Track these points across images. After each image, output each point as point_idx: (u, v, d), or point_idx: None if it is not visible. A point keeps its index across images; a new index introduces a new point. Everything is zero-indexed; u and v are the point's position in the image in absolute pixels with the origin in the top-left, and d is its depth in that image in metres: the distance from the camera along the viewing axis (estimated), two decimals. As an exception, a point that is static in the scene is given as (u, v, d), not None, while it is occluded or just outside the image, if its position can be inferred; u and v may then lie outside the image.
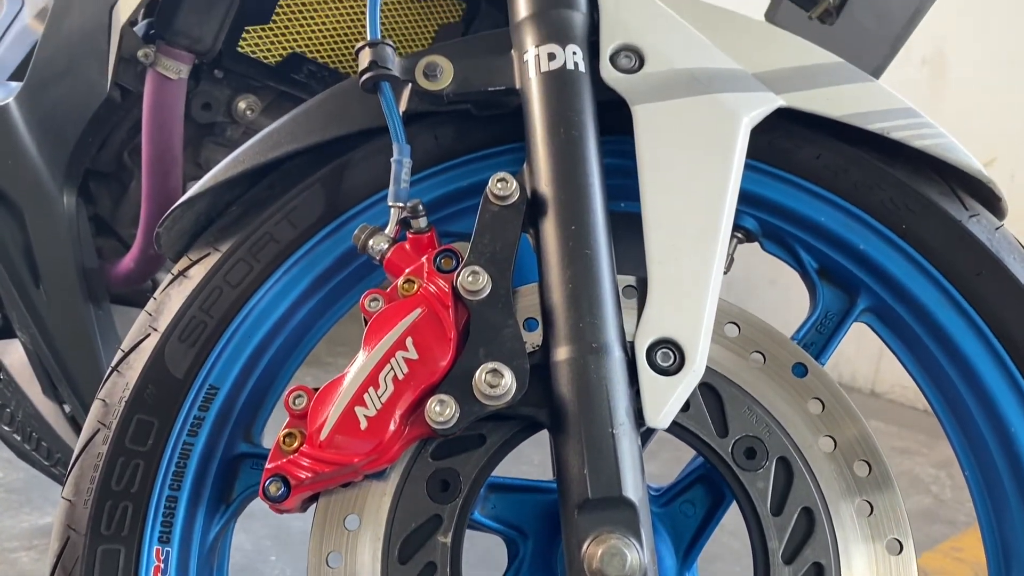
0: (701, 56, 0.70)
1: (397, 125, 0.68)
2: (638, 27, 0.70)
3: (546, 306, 0.63)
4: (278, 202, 0.74)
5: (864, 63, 0.95)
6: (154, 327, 0.72)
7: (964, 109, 2.57)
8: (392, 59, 0.69)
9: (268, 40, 0.94)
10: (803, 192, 0.74)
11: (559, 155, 0.65)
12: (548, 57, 0.67)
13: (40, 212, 0.98)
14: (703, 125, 0.68)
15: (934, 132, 0.72)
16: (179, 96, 0.91)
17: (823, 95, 0.71)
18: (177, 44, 0.88)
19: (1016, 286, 0.69)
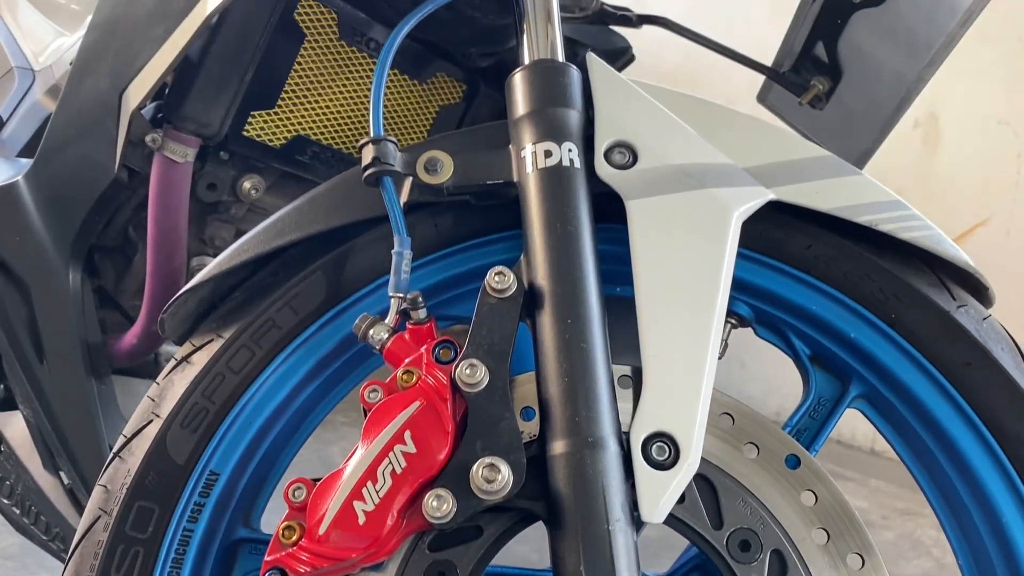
0: (693, 152, 0.72)
1: (398, 218, 0.70)
2: (631, 124, 0.72)
3: (543, 398, 0.64)
4: (281, 289, 0.76)
5: (854, 146, 0.97)
6: (157, 413, 0.73)
7: (957, 169, 2.61)
8: (394, 154, 0.71)
9: (273, 124, 0.96)
10: (795, 281, 0.76)
11: (555, 249, 0.67)
12: (545, 154, 0.70)
13: (46, 288, 1.00)
14: (696, 220, 0.69)
15: (921, 224, 0.74)
16: (185, 178, 0.93)
17: (813, 188, 0.73)
18: (184, 129, 0.91)
19: (1004, 377, 0.70)
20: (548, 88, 0.72)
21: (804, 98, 0.95)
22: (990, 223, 2.54)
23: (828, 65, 0.94)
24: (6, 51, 1.34)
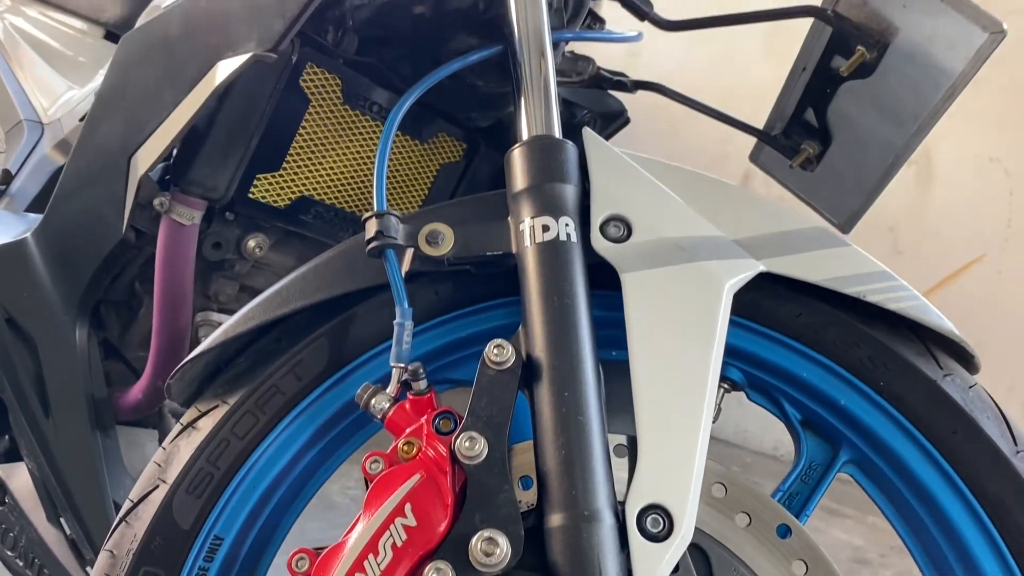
0: (685, 225, 0.74)
1: (400, 289, 0.72)
2: (626, 198, 0.75)
3: (541, 470, 0.66)
4: (285, 355, 0.78)
5: (844, 208, 0.99)
6: (163, 479, 0.75)
7: (951, 206, 2.64)
8: (396, 227, 0.73)
9: (277, 185, 0.99)
10: (785, 348, 0.78)
11: (553, 323, 0.69)
12: (542, 229, 0.72)
13: (53, 344, 1.02)
14: (688, 292, 0.72)
15: (909, 295, 0.76)
16: (191, 240, 0.95)
17: (802, 260, 0.75)
18: (192, 193, 0.93)
19: (989, 445, 0.72)
20: (545, 164, 0.74)
21: (795, 161, 0.98)
22: (984, 260, 2.57)
23: (818, 130, 0.97)
24: (15, 103, 1.36)
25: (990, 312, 2.56)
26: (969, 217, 2.60)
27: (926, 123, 0.84)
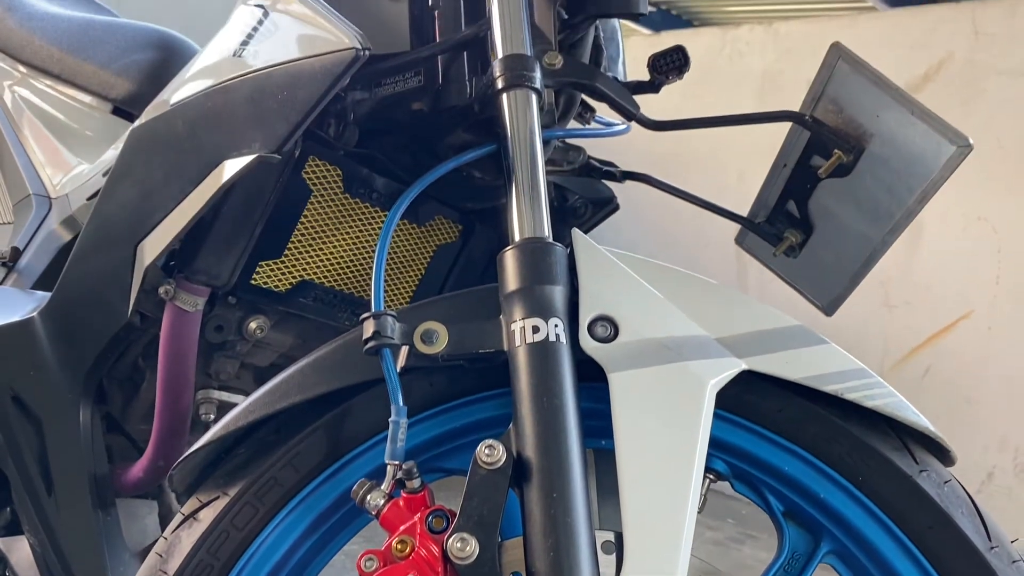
0: (670, 324, 0.78)
1: (395, 389, 0.75)
2: (612, 298, 0.78)
3: (530, 570, 0.69)
4: (283, 447, 0.81)
5: (827, 292, 1.03)
6: (164, 570, 0.77)
7: (940, 263, 2.69)
8: (392, 327, 0.76)
9: (279, 271, 1.02)
10: (768, 442, 0.81)
11: (542, 424, 0.72)
12: (532, 330, 0.75)
13: (57, 422, 1.04)
14: (673, 392, 0.75)
15: (885, 392, 0.79)
16: (195, 325, 0.98)
17: (782, 358, 0.79)
18: (196, 280, 0.96)
19: (964, 541, 0.75)
20: (536, 267, 0.77)
21: (778, 249, 1.01)
22: (972, 317, 2.60)
23: (800, 220, 1.00)
24: (24, 177, 1.40)
25: (981, 367, 2.59)
26: (958, 273, 2.64)
27: (901, 222, 0.88)
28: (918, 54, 2.77)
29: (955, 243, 2.65)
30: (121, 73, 1.41)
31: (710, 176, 3.20)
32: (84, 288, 1.04)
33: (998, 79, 2.61)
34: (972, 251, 2.62)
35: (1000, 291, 2.58)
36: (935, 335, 2.69)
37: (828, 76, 0.87)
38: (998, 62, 2.62)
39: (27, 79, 1.54)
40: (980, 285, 2.60)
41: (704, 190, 3.20)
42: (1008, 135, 2.58)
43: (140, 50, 1.44)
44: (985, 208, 2.60)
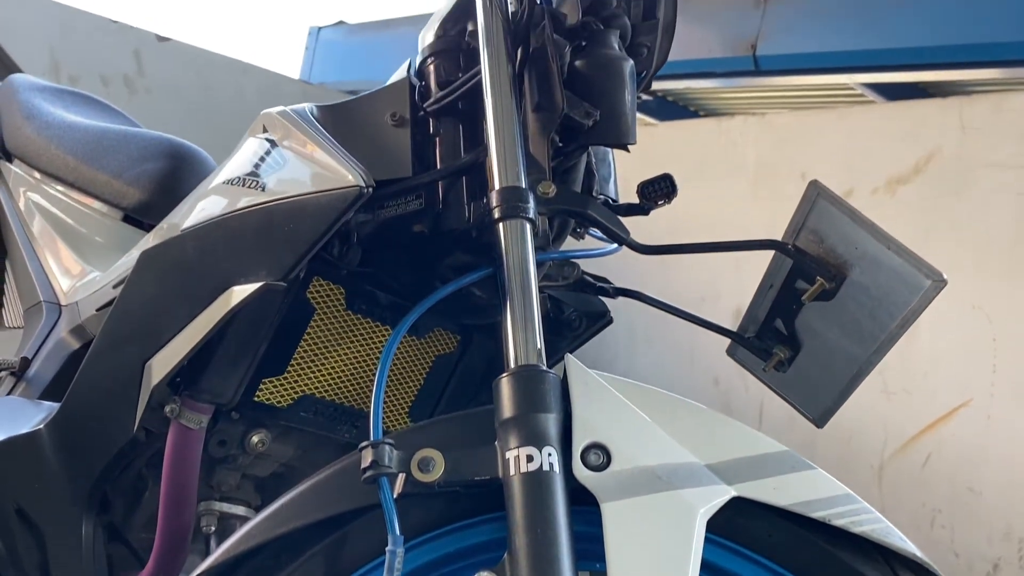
0: (661, 452, 0.80)
1: (392, 518, 0.77)
2: (605, 426, 0.80)
3: None
4: (283, 571, 0.82)
5: (817, 405, 1.05)
6: None
7: (936, 351, 2.70)
8: (390, 456, 0.79)
9: (281, 387, 1.05)
10: (758, 566, 0.82)
11: (536, 556, 0.74)
12: (527, 459, 0.77)
13: (60, 535, 1.06)
14: (665, 521, 0.77)
15: (872, 518, 0.81)
16: (198, 442, 1.00)
17: (770, 485, 0.81)
18: (200, 399, 0.99)
19: (955, 670, 0.76)
20: (530, 395, 0.80)
21: (768, 365, 1.04)
22: (971, 405, 2.61)
23: (788, 337, 1.03)
24: (36, 283, 1.44)
25: (982, 456, 2.59)
26: (955, 361, 2.66)
27: (884, 345, 0.91)
28: (908, 146, 2.84)
29: (951, 331, 2.67)
30: (132, 182, 1.47)
31: (709, 263, 3.26)
32: (91, 403, 1.06)
33: (986, 171, 2.67)
34: (968, 339, 2.64)
35: (998, 379, 2.60)
36: (935, 423, 2.69)
37: (808, 210, 0.91)
38: (986, 155, 2.68)
39: (42, 186, 1.59)
40: (977, 373, 2.61)
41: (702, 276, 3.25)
42: (998, 226, 2.63)
43: (152, 160, 1.49)
44: (978, 297, 2.63)
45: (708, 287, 3.21)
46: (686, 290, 3.13)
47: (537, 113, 0.98)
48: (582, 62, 1.00)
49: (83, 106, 1.82)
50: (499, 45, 0.98)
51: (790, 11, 3.46)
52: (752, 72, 3.58)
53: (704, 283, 3.15)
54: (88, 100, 1.86)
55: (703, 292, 3.17)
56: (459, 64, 1.08)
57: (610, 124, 0.99)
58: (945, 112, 2.81)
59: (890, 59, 3.26)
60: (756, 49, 3.47)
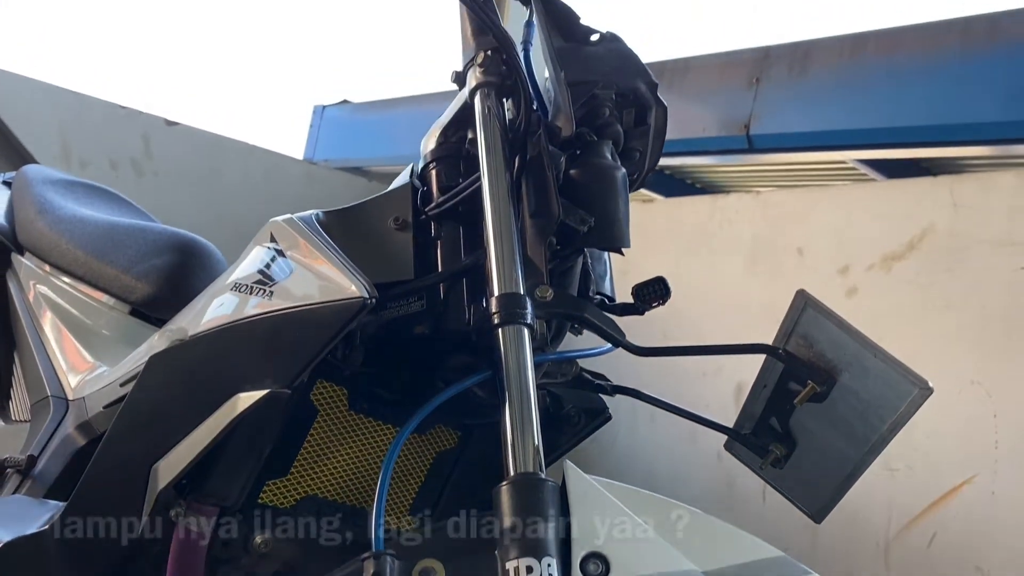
0: (659, 560, 0.82)
1: (396, 631, 0.78)
2: (604, 534, 0.82)
3: None
4: None
5: (814, 501, 1.06)
6: None
7: (938, 427, 2.70)
8: (392, 567, 0.80)
9: (285, 489, 1.07)
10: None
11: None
12: (527, 570, 0.79)
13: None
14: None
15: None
16: (203, 544, 1.01)
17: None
18: (206, 502, 1.00)
19: None
20: (529, 505, 0.82)
21: (764, 462, 1.06)
22: (975, 482, 2.60)
23: (783, 435, 1.05)
24: (43, 378, 1.46)
25: (988, 534, 2.57)
26: (957, 437, 2.66)
27: (876, 446, 0.93)
28: (901, 223, 2.89)
29: (951, 407, 2.67)
30: (141, 277, 1.50)
31: (709, 337, 3.28)
32: (97, 504, 1.07)
33: (979, 248, 2.72)
34: (968, 415, 2.64)
35: (1000, 455, 2.59)
36: (939, 500, 2.68)
37: (797, 317, 0.94)
38: (977, 232, 2.73)
39: (52, 279, 1.63)
40: (980, 449, 2.61)
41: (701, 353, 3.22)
42: (992, 301, 2.66)
43: (160, 254, 1.53)
44: (977, 373, 2.65)
45: (709, 361, 3.22)
46: (688, 364, 3.14)
47: (534, 219, 1.02)
48: (577, 171, 1.04)
49: (94, 198, 1.87)
50: (497, 153, 1.03)
51: (780, 92, 3.56)
52: (746, 150, 3.66)
53: (704, 360, 3.17)
54: (99, 192, 1.92)
55: (704, 367, 3.19)
56: (459, 170, 1.12)
57: (605, 230, 1.03)
58: (936, 190, 2.86)
59: (881, 137, 3.33)
60: (749, 129, 3.56)
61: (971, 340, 2.66)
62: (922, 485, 2.67)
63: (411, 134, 4.40)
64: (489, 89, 1.08)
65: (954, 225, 2.77)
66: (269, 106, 5.21)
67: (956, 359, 2.64)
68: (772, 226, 3.22)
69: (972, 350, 2.65)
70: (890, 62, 3.26)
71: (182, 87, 4.07)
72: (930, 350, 2.69)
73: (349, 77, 5.12)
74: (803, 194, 3.31)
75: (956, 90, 3.07)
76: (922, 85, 3.17)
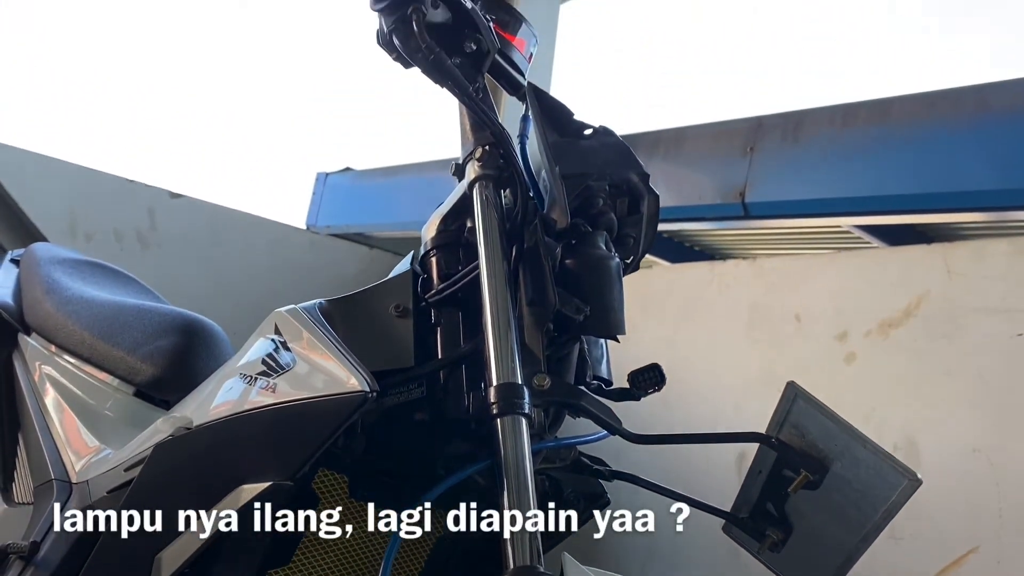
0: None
1: None
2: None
3: None
4: None
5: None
6: None
7: (941, 496, 2.69)
8: None
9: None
10: None
11: None
12: None
13: None
14: None
15: None
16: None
17: None
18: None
19: None
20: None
21: (761, 547, 1.07)
22: (980, 551, 2.58)
23: (779, 519, 1.06)
24: (47, 460, 1.47)
25: (995, 604, 2.54)
26: (961, 505, 2.64)
27: (870, 534, 0.94)
28: (897, 290, 2.92)
29: (954, 475, 2.66)
30: (146, 359, 1.53)
31: (709, 403, 3.28)
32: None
33: (974, 316, 2.74)
34: (971, 484, 2.63)
35: (1004, 524, 2.58)
36: (945, 569, 2.65)
37: (788, 408, 0.96)
38: (972, 300, 2.76)
39: (57, 359, 1.65)
40: (984, 518, 2.59)
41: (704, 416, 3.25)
42: (990, 368, 2.67)
43: (165, 335, 1.56)
44: (978, 441, 2.64)
45: (709, 427, 3.22)
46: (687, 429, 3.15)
47: (532, 307, 1.05)
48: (572, 260, 1.08)
49: (101, 277, 1.90)
50: (495, 243, 1.06)
51: (774, 161, 3.63)
52: (742, 216, 3.72)
53: (706, 424, 3.16)
54: (106, 270, 1.95)
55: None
56: (459, 257, 1.16)
57: (600, 319, 1.05)
58: (931, 257, 2.90)
59: (874, 205, 3.39)
60: (744, 196, 3.62)
61: (971, 408, 2.66)
62: (928, 555, 2.65)
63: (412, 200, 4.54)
64: (487, 181, 1.12)
65: (949, 292, 2.80)
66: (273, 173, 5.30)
67: (957, 427, 2.64)
68: (769, 292, 3.25)
69: (972, 418, 2.65)
70: (881, 131, 3.33)
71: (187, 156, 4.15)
72: (931, 418, 2.69)
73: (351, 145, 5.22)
74: (799, 261, 3.35)
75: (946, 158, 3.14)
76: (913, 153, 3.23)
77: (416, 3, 1.05)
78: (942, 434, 2.69)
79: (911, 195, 3.22)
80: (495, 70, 1.19)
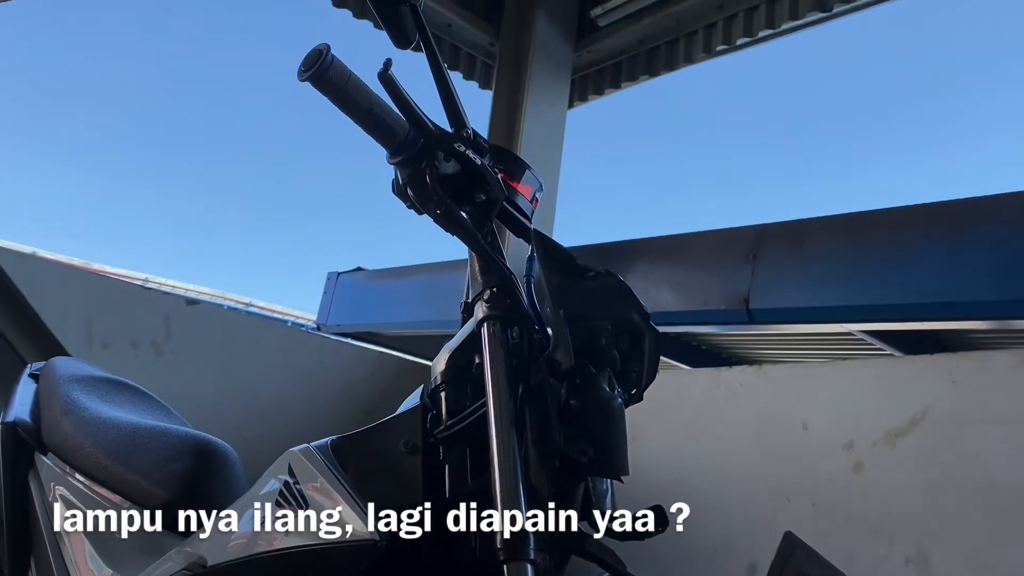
0: None
1: None
2: None
3: None
4: None
5: None
6: None
7: (956, 613, 2.64)
8: None
9: None
10: None
11: None
12: None
13: None
14: None
15: None
16: None
17: None
18: None
19: None
20: None
21: None
22: (999, 673, 2.51)
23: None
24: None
25: None
26: (977, 624, 2.59)
27: None
28: (902, 401, 2.93)
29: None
30: (160, 483, 1.55)
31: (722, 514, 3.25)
32: None
33: (979, 427, 2.75)
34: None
35: (1022, 644, 2.52)
36: None
37: (789, 553, 0.99)
38: (976, 411, 2.77)
39: (71, 480, 1.68)
40: (999, 634, 2.54)
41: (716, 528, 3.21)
42: (997, 479, 2.66)
43: (179, 459, 1.59)
44: (990, 555, 2.62)
45: (721, 540, 3.19)
46: (699, 541, 3.11)
47: (537, 447, 1.08)
48: (577, 401, 1.11)
49: (118, 394, 1.95)
50: (502, 383, 1.10)
51: (777, 268, 3.69)
52: (746, 322, 3.76)
53: (717, 536, 3.13)
54: (123, 387, 1.99)
55: (716, 544, 3.15)
56: (467, 392, 1.20)
57: (605, 459, 1.08)
58: (935, 368, 2.92)
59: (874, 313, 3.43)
60: (749, 302, 3.67)
61: (979, 522, 2.64)
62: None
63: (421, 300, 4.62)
64: (495, 321, 1.17)
65: (953, 403, 2.81)
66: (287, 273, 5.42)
67: (968, 540, 2.61)
68: (776, 400, 3.27)
69: (982, 532, 2.63)
70: (880, 241, 3.41)
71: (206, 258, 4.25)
72: (941, 531, 2.67)
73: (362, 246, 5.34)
74: (805, 369, 3.38)
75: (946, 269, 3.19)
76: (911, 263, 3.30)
77: (430, 158, 1.13)
78: (957, 548, 2.65)
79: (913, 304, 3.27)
80: (502, 215, 1.26)
